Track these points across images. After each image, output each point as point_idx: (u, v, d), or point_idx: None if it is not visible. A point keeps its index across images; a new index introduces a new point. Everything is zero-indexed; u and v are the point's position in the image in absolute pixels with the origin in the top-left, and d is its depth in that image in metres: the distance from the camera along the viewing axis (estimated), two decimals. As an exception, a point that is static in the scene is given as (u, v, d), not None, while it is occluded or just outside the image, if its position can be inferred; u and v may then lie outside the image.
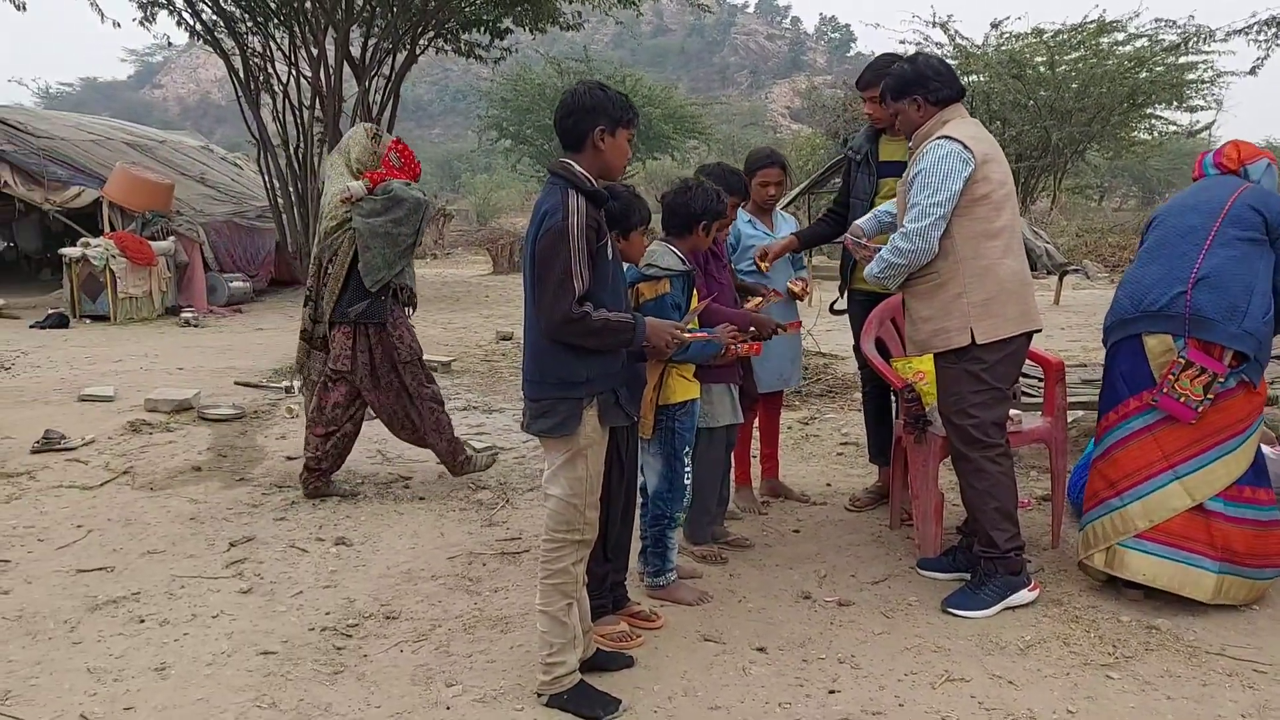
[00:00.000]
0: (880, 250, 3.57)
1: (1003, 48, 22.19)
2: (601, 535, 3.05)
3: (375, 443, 5.71)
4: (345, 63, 14.11)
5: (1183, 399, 3.32)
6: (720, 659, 3.12)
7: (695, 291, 3.58)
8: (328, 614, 3.48)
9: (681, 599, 3.54)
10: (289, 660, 3.13)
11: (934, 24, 23.12)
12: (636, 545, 3.57)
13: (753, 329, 3.68)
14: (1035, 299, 3.59)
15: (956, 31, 22.29)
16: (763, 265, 4.30)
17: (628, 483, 3.31)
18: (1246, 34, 13.18)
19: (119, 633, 3.32)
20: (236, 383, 7.42)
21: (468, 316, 12.26)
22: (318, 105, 14.21)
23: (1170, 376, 3.33)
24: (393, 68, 14.77)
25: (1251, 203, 3.42)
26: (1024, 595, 3.48)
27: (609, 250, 2.85)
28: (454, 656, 3.15)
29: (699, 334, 3.35)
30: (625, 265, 3.20)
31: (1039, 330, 3.57)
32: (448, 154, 57.64)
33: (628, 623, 3.28)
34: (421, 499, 4.79)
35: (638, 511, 3.51)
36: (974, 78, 21.91)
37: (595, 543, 2.95)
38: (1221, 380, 3.30)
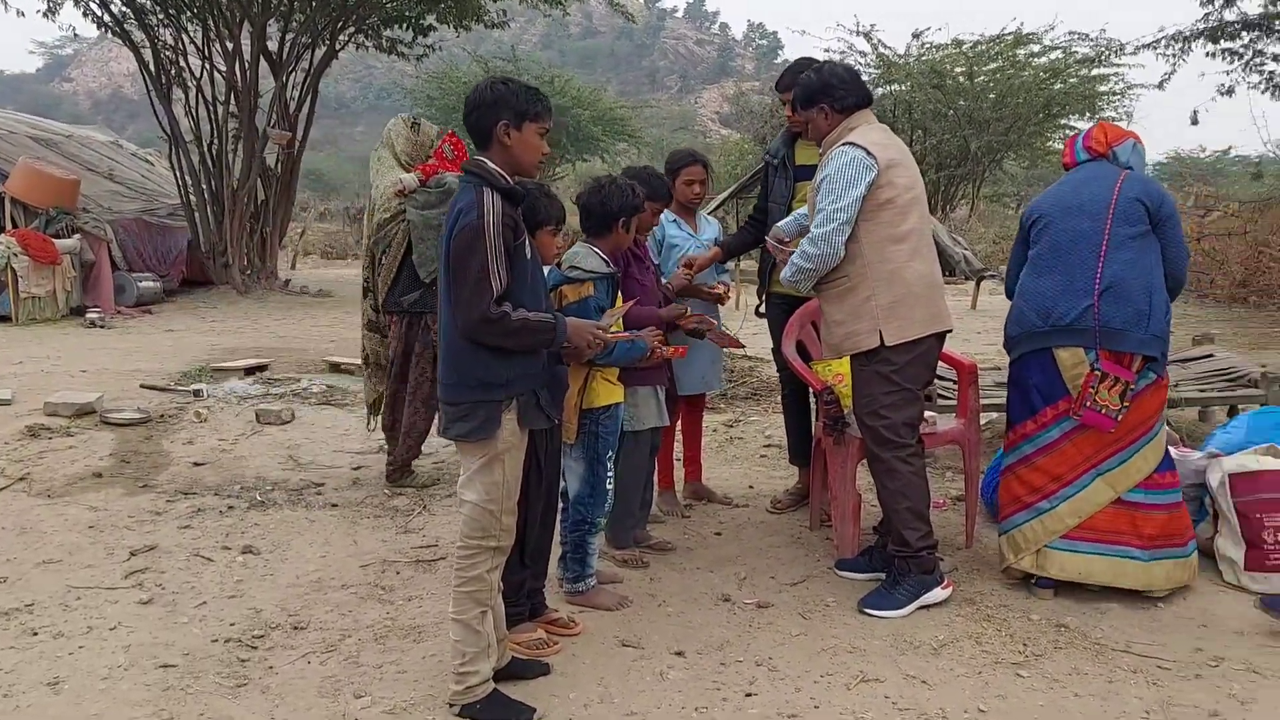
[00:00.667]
0: (792, 255, 3.60)
1: (924, 58, 22.68)
2: (519, 541, 2.99)
3: (286, 448, 5.56)
4: (262, 57, 13.79)
5: (1104, 410, 3.40)
6: (638, 664, 3.09)
7: (620, 294, 3.55)
8: (232, 625, 3.36)
9: (601, 604, 3.50)
10: (190, 673, 3.01)
11: (858, 33, 23.48)
12: (556, 551, 3.52)
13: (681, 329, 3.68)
14: (945, 301, 3.64)
15: (880, 41, 22.70)
16: (687, 273, 4.28)
17: (548, 487, 3.26)
18: (1155, 48, 13.65)
19: (10, 646, 3.17)
20: (143, 386, 7.14)
21: (389, 318, 12.03)
22: (233, 101, 13.87)
23: (1090, 390, 3.40)
24: (311, 63, 14.49)
25: (1134, 195, 3.50)
26: (937, 594, 3.52)
27: (527, 249, 2.80)
28: (364, 667, 3.06)
29: (624, 335, 3.33)
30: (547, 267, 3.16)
31: (949, 331, 3.62)
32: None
33: (545, 630, 3.23)
34: (334, 505, 4.66)
35: (558, 516, 3.46)
36: (896, 87, 22.36)
37: (512, 549, 2.90)
38: (1134, 387, 3.39)
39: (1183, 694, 2.92)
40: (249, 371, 7.64)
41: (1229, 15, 12.71)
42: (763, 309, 4.74)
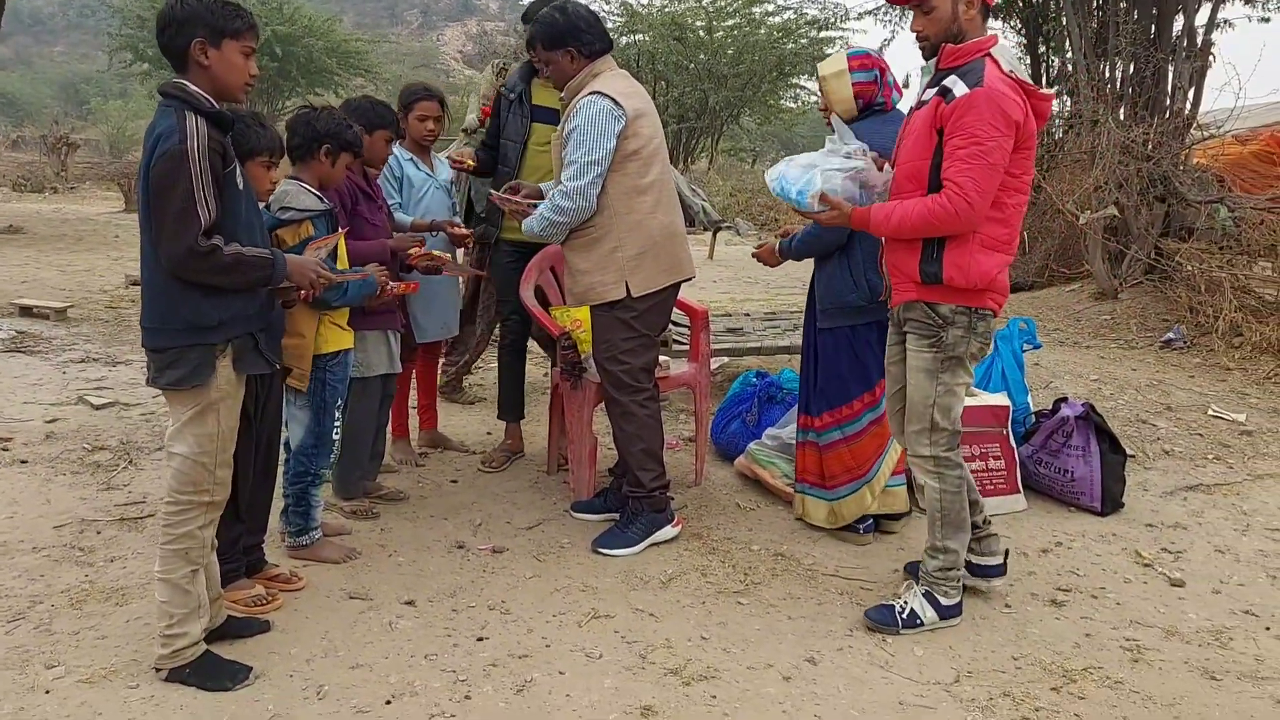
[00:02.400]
0: (539, 207, 3.53)
1: (666, 9, 23.07)
2: (233, 494, 2.80)
3: (-34, 399, 4.95)
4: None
5: None
6: (366, 616, 3.00)
7: (341, 232, 3.36)
8: (-106, 600, 2.96)
9: (326, 557, 3.37)
10: None
11: (602, -22, 23.46)
12: (278, 504, 3.35)
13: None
14: (687, 249, 3.72)
15: (624, -14, 22.82)
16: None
17: (268, 437, 3.07)
18: (875, 15, 14.64)
19: None
20: None
21: (92, 258, 10.93)
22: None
23: None
24: (-5, -33, 12.71)
25: None
26: (668, 531, 3.66)
27: (238, 179, 2.58)
28: (57, 635, 2.79)
29: (352, 274, 3.17)
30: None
31: (689, 279, 3.71)
32: (73, 76, 51.36)
33: (264, 586, 3.07)
34: (24, 462, 4.19)
35: (279, 467, 3.28)
36: (639, 37, 22.63)
37: (227, 502, 2.71)
38: None
39: (881, 611, 3.19)
40: (-82, 315, 6.71)
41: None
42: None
